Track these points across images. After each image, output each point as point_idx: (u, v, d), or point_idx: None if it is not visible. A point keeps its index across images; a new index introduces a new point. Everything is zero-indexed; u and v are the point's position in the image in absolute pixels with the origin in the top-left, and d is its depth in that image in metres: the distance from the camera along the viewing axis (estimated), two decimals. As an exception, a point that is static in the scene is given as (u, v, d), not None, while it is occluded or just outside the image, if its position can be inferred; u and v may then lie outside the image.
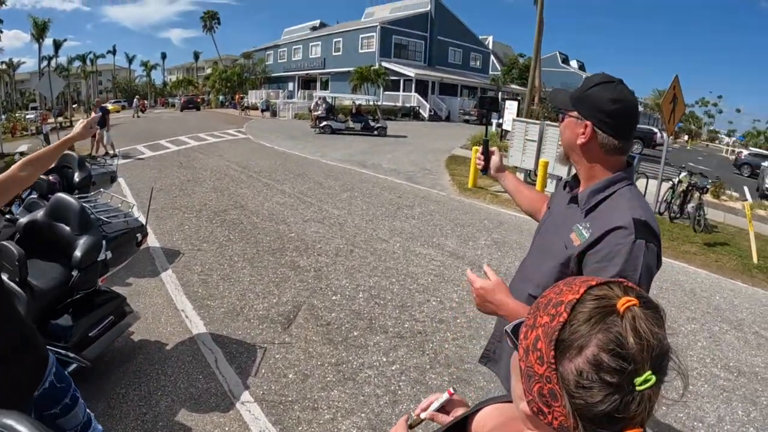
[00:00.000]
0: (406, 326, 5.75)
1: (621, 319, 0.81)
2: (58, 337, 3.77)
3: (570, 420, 0.82)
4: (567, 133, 2.01)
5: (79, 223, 4.11)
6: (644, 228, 1.78)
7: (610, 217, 1.85)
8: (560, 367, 0.83)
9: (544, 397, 0.86)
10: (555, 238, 2.06)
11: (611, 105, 1.86)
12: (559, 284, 0.94)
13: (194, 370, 4.63)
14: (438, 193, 13.73)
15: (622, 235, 1.76)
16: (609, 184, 1.94)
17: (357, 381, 4.62)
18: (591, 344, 0.81)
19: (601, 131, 1.90)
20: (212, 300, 6.13)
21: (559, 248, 1.99)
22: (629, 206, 1.85)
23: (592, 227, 1.87)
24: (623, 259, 1.74)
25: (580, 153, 2.00)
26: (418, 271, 7.43)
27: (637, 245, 1.74)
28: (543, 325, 0.87)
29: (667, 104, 10.87)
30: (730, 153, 55.77)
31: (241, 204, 10.98)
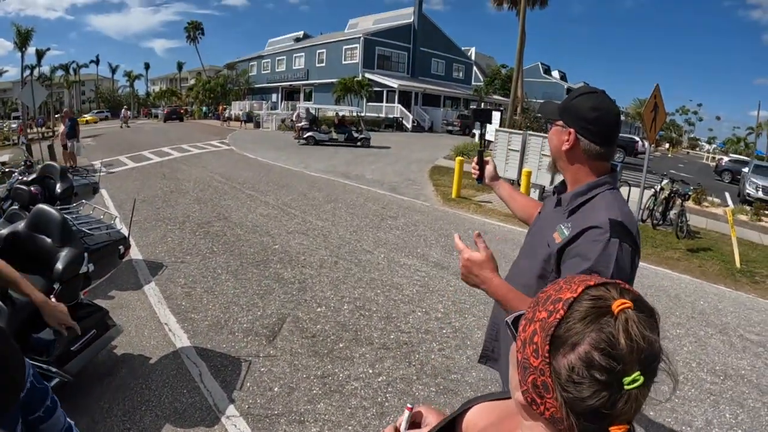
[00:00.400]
0: (392, 337, 5.72)
1: (614, 320, 0.83)
2: (40, 351, 3.70)
3: (560, 412, 0.86)
4: (554, 141, 2.14)
5: (60, 235, 4.05)
6: (619, 227, 1.85)
7: (588, 217, 1.94)
8: (554, 362, 0.86)
9: (537, 388, 0.89)
10: (540, 238, 2.17)
11: (592, 113, 1.99)
12: (559, 281, 0.96)
13: (178, 384, 4.57)
14: (422, 203, 13.75)
15: (597, 233, 1.85)
16: (591, 188, 2.04)
17: (343, 393, 4.58)
18: (584, 342, 0.84)
19: (583, 138, 2.02)
20: (196, 313, 6.06)
21: (542, 247, 2.10)
22: (607, 207, 1.94)
23: (572, 226, 1.96)
24: (596, 255, 1.81)
25: (565, 159, 2.11)
26: (403, 282, 7.42)
27: (611, 243, 1.81)
28: (540, 320, 0.90)
29: (649, 113, 10.94)
30: (711, 160, 56.56)
31: (224, 215, 10.92)
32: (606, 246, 1.81)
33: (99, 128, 49.02)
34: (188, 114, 65.83)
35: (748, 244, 11.99)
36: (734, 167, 33.65)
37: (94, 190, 8.25)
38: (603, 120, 2.00)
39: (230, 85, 67.68)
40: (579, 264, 1.84)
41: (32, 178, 7.36)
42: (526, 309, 1.00)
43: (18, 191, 6.78)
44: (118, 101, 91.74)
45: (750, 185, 22.36)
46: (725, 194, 23.30)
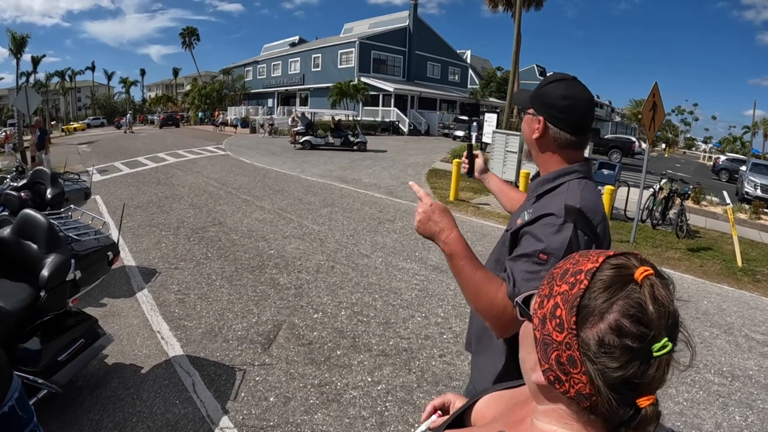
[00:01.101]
0: (390, 344, 5.59)
1: (640, 287, 0.83)
2: (26, 362, 3.54)
3: (588, 387, 0.84)
4: (525, 129, 2.09)
5: (46, 240, 3.91)
6: (575, 214, 1.78)
7: (548, 203, 1.88)
8: (581, 334, 0.85)
9: (562, 365, 0.87)
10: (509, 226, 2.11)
11: (562, 101, 1.93)
12: (573, 255, 0.96)
13: (171, 394, 4.42)
14: (420, 206, 13.49)
15: (552, 218, 1.79)
16: (558, 176, 1.98)
17: (341, 403, 4.45)
18: (612, 311, 0.83)
19: (553, 126, 1.97)
20: (189, 320, 5.92)
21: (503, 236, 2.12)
22: (568, 195, 1.87)
23: (533, 211, 1.90)
24: (548, 237, 1.75)
25: (536, 147, 2.07)
26: (401, 287, 7.29)
27: (565, 227, 1.76)
28: (562, 293, 0.89)
29: (648, 111, 10.83)
30: (707, 159, 56.84)
31: (219, 221, 10.77)
32: (560, 230, 1.75)
33: (95, 134, 48.89)
34: (184, 120, 65.66)
35: (748, 243, 11.95)
36: (731, 166, 33.77)
37: (86, 195, 8.11)
38: (573, 108, 1.95)
39: (226, 90, 67.54)
40: (530, 243, 1.78)
41: (23, 184, 7.24)
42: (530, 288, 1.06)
43: (8, 197, 6.65)
44: (114, 107, 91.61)
45: (748, 184, 22.39)
46: (723, 193, 23.28)
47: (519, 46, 29.08)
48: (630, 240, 10.99)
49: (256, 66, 69.87)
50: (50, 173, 7.26)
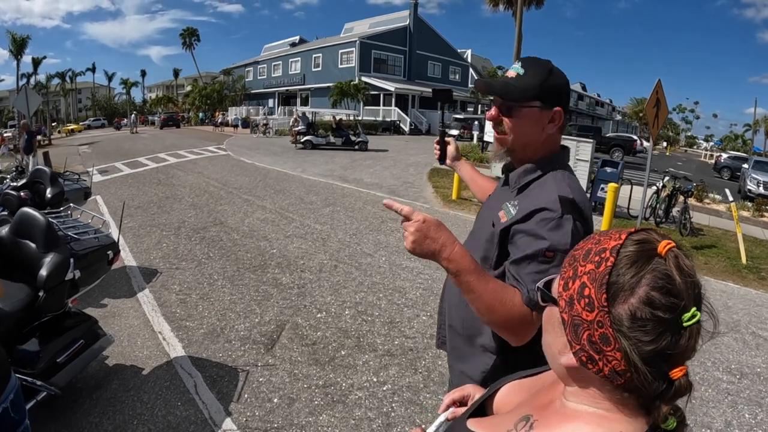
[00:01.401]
0: (396, 343, 5.50)
1: (665, 260, 0.85)
2: (25, 363, 3.45)
3: (623, 363, 0.84)
4: (528, 127, 1.89)
5: (45, 240, 3.81)
6: (570, 205, 1.73)
7: (537, 196, 1.80)
8: (613, 311, 0.84)
9: (594, 344, 0.87)
10: (485, 219, 2.02)
11: (566, 87, 1.89)
12: (593, 236, 0.96)
13: (172, 396, 4.33)
14: (422, 205, 13.53)
15: (549, 213, 1.71)
16: (541, 166, 1.90)
17: (347, 404, 4.36)
18: (642, 284, 0.83)
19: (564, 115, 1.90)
20: (191, 321, 5.83)
21: (486, 228, 1.96)
22: (557, 186, 1.80)
23: (519, 204, 1.82)
24: (550, 233, 1.67)
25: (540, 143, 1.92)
26: (405, 286, 7.20)
27: (564, 219, 1.69)
28: (588, 273, 0.89)
29: (651, 108, 10.72)
30: (709, 158, 56.93)
31: (220, 221, 10.69)
32: (560, 223, 1.68)
33: (96, 135, 48.88)
34: (185, 120, 65.62)
35: (751, 240, 11.87)
36: (733, 164, 33.76)
37: (85, 194, 8.04)
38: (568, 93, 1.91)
39: (227, 90, 67.46)
40: (532, 243, 1.69)
41: (22, 183, 7.17)
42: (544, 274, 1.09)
43: (7, 196, 6.57)
44: (115, 109, 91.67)
45: (751, 181, 22.39)
46: (725, 191, 23.09)
47: (520, 44, 28.95)
48: None
49: (256, 66, 69.82)
50: (50, 173, 7.18)
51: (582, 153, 13.74)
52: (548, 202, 1.72)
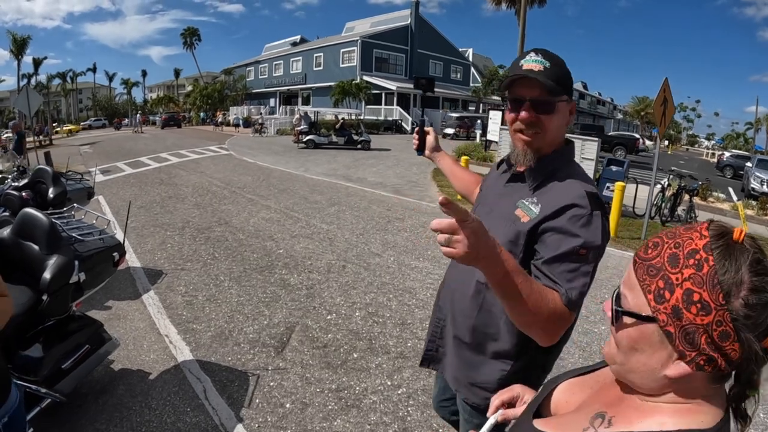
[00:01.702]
0: (408, 345, 5.35)
1: (745, 245, 0.87)
2: (27, 370, 3.30)
3: (739, 353, 0.84)
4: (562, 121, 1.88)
5: (48, 241, 3.65)
6: (597, 201, 1.74)
7: (562, 192, 1.78)
8: (730, 307, 0.83)
9: (713, 343, 0.85)
10: (496, 218, 1.92)
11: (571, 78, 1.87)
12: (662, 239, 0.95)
13: (181, 401, 4.19)
14: (427, 204, 13.35)
15: (578, 210, 1.70)
16: (557, 157, 1.89)
17: (361, 408, 4.22)
18: (744, 274, 0.83)
19: None
20: (198, 323, 5.68)
21: (504, 227, 1.86)
22: (581, 181, 1.80)
23: (541, 202, 1.80)
24: (583, 230, 1.67)
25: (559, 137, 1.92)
26: (415, 286, 7.05)
27: (594, 216, 1.70)
28: (690, 278, 0.86)
29: (659, 107, 10.62)
30: (710, 156, 56.97)
31: (225, 220, 10.54)
32: (591, 220, 1.69)
33: (97, 135, 48.76)
34: (186, 120, 65.52)
35: (757, 238, 11.70)
36: (736, 162, 33.74)
37: (89, 194, 7.90)
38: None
39: (228, 90, 67.33)
40: (564, 241, 1.67)
41: (24, 183, 7.03)
42: None
43: (8, 197, 6.43)
44: (116, 109, 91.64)
45: (755, 180, 22.31)
46: (729, 190, 23.09)
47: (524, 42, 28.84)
48: (641, 236, 10.75)
49: (257, 66, 69.72)
50: (52, 172, 7.03)
51: (588, 152, 13.67)
52: (576, 198, 1.71)
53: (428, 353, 2.31)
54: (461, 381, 2.12)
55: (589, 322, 6.04)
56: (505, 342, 1.93)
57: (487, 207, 2.05)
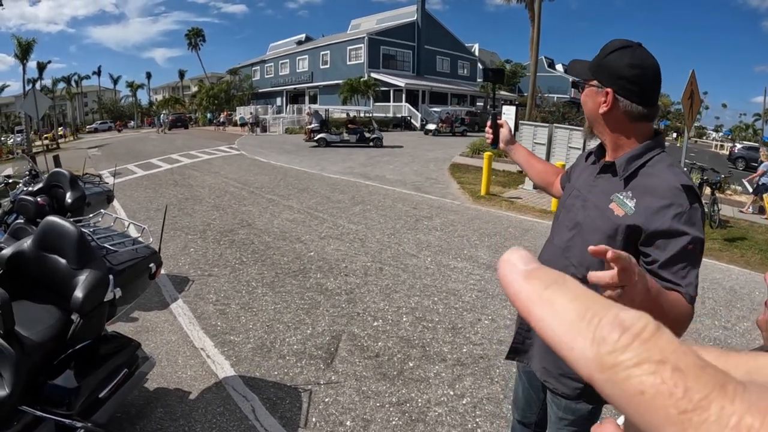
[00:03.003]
0: (464, 351, 4.98)
1: None
2: (59, 402, 2.84)
3: None
4: (589, 104, 1.94)
5: (77, 253, 3.17)
6: (693, 193, 1.74)
7: (657, 188, 1.77)
8: None
9: None
10: (590, 211, 1.97)
11: (631, 70, 1.79)
12: None
13: (228, 424, 3.77)
14: (452, 202, 12.97)
15: (678, 208, 1.70)
16: (645, 151, 1.86)
17: (427, 422, 3.84)
18: None
19: (623, 98, 1.82)
20: (235, 334, 5.26)
21: (600, 221, 1.90)
22: (674, 173, 1.78)
23: (635, 197, 1.80)
24: (689, 227, 1.68)
25: (603, 123, 1.92)
26: (459, 288, 6.64)
27: (693, 209, 1.71)
28: None
29: (686, 100, 10.37)
30: (719, 148, 57.11)
31: (248, 222, 10.13)
32: (692, 215, 1.70)
33: (105, 138, 48.52)
34: (192, 121, 65.19)
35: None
36: (748, 154, 33.95)
37: (108, 198, 7.47)
38: (643, 77, 1.79)
39: (234, 90, 66.95)
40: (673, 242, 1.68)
41: (38, 188, 6.61)
42: None
43: (23, 203, 5.99)
44: (121, 111, 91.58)
45: None
46: (743, 181, 22.74)
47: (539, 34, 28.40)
48: None
49: (263, 65, 69.46)
50: (69, 175, 6.61)
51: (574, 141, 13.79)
52: (674, 196, 1.72)
53: (515, 345, 2.30)
54: (551, 372, 2.11)
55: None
56: None
57: (581, 199, 2.04)
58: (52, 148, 32.39)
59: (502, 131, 2.63)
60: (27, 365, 2.69)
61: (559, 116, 27.47)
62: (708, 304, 6.55)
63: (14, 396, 2.54)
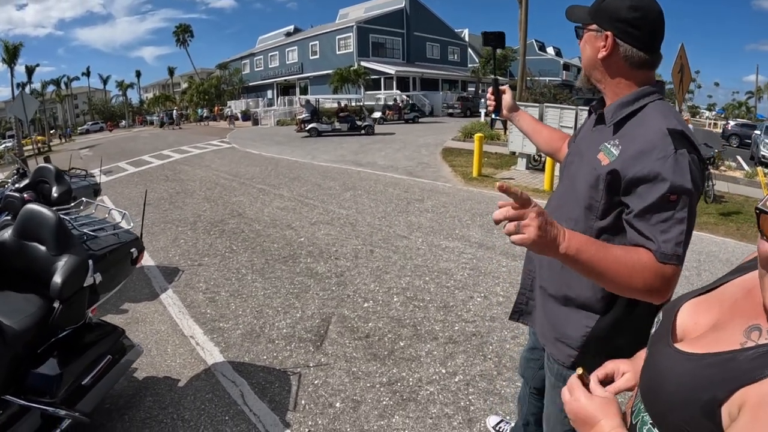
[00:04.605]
0: (456, 329, 4.94)
1: None
2: (42, 391, 2.80)
3: None
4: (588, 50, 1.85)
5: (56, 239, 3.14)
6: (681, 137, 1.59)
7: (641, 133, 1.67)
8: None
9: None
10: (582, 164, 1.88)
11: (632, 12, 1.70)
12: None
13: (217, 410, 3.73)
14: (443, 184, 12.94)
15: (661, 150, 1.57)
16: (638, 97, 1.76)
17: (419, 401, 3.80)
18: None
19: (623, 42, 1.74)
20: (225, 321, 5.22)
21: (586, 172, 1.81)
22: (662, 118, 1.66)
23: (621, 144, 1.71)
24: (670, 171, 1.54)
25: (602, 69, 1.83)
26: (451, 267, 6.62)
27: (679, 155, 1.56)
28: None
29: (676, 74, 10.31)
30: (713, 126, 57.54)
31: (238, 212, 10.08)
32: (676, 159, 1.55)
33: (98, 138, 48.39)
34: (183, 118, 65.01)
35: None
36: (742, 131, 34.02)
37: (95, 192, 7.45)
38: (645, 20, 1.71)
39: (224, 85, 66.62)
40: (651, 189, 1.56)
41: (25, 184, 6.59)
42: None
43: (9, 199, 5.95)
44: (112, 111, 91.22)
45: (764, 147, 22.38)
46: (738, 158, 22.86)
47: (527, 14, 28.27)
48: None
49: (252, 58, 69.20)
50: (54, 170, 6.56)
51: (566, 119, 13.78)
52: (657, 139, 1.60)
53: (518, 306, 2.27)
54: (547, 336, 2.07)
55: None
56: (590, 294, 1.84)
57: (578, 155, 1.94)
58: (44, 151, 32.24)
59: (504, 98, 2.57)
60: (9, 355, 2.65)
61: (551, 98, 27.44)
62: (704, 276, 6.55)
63: (-3, 385, 2.51)
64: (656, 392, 1.04)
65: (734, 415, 0.86)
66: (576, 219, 1.83)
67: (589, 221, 1.79)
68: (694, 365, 0.96)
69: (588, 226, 1.79)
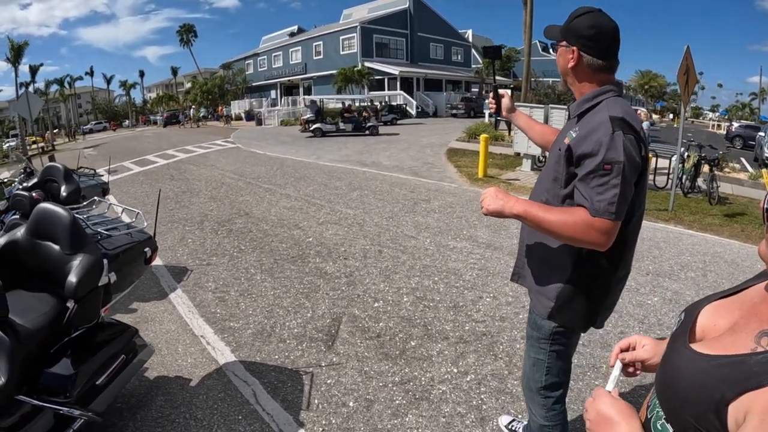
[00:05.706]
0: (466, 329, 4.94)
1: None
2: (56, 391, 2.78)
3: None
4: (561, 61, 2.30)
5: (70, 238, 3.13)
6: (620, 122, 2.00)
7: (592, 120, 2.10)
8: None
9: None
10: (554, 148, 2.35)
11: (590, 30, 2.15)
12: None
13: (230, 409, 3.73)
14: (449, 185, 12.93)
15: (602, 131, 2.00)
16: (597, 94, 2.19)
17: (431, 400, 3.80)
18: None
19: (586, 54, 2.18)
20: (235, 321, 5.22)
21: (554, 152, 2.30)
22: (609, 109, 2.07)
23: (579, 128, 2.12)
24: (605, 149, 1.96)
25: (572, 75, 2.27)
26: (459, 267, 6.61)
27: (615, 135, 1.97)
28: None
29: (682, 75, 10.29)
30: (716, 128, 57.45)
31: (245, 211, 10.08)
32: (612, 139, 1.96)
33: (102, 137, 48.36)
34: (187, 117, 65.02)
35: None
36: (745, 133, 33.88)
37: (103, 191, 7.44)
38: (601, 35, 2.15)
39: (228, 85, 66.55)
40: (591, 160, 1.99)
41: (33, 183, 6.56)
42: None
43: (18, 198, 5.94)
44: (115, 111, 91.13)
45: None
46: (742, 159, 22.80)
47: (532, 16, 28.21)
48: (669, 208, 10.44)
49: (256, 58, 69.08)
50: (63, 169, 6.55)
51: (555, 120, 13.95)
52: (601, 123, 2.02)
53: (516, 269, 2.67)
54: (532, 289, 2.47)
55: (641, 294, 5.87)
56: (559, 256, 2.28)
57: (555, 143, 2.40)
58: (48, 150, 32.24)
59: (503, 101, 2.97)
60: (22, 354, 2.63)
61: (555, 99, 27.37)
62: (710, 278, 6.52)
63: (10, 385, 2.49)
64: (670, 389, 1.09)
65: (740, 421, 0.89)
66: (547, 189, 2.28)
67: (556, 190, 2.21)
68: (707, 365, 1.01)
69: (555, 194, 2.22)
